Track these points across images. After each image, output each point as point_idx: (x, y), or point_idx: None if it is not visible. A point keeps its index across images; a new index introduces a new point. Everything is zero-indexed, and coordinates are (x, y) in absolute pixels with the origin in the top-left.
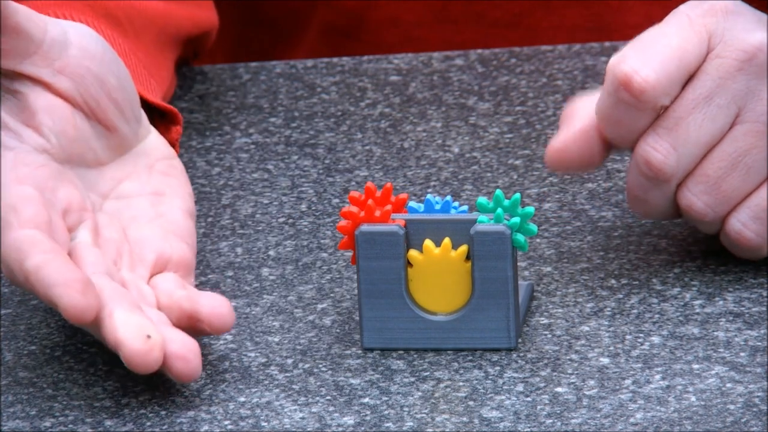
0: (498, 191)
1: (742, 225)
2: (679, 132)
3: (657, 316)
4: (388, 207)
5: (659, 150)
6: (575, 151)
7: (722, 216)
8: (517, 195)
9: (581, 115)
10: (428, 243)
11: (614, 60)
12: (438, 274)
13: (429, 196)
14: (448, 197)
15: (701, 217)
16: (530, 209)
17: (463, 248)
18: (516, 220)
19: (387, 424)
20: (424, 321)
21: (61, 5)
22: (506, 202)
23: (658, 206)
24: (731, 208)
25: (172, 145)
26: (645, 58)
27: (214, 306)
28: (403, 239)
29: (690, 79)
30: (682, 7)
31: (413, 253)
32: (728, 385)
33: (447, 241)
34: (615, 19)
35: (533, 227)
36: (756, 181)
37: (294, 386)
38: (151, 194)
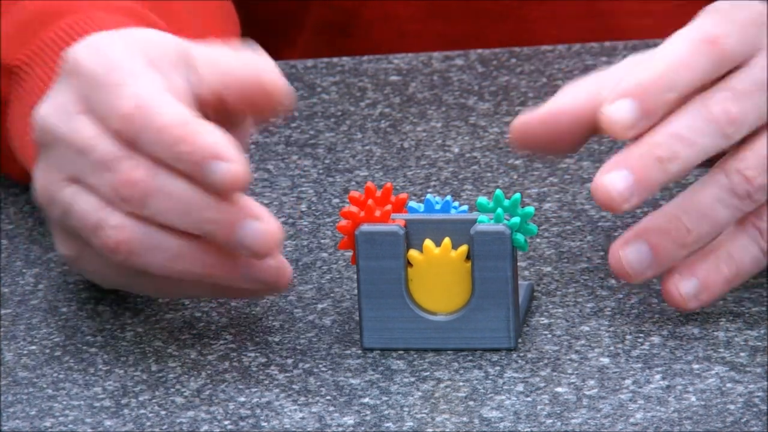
0: (498, 191)
1: None
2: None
3: (657, 316)
4: (388, 207)
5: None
6: (538, 129)
7: None
8: (517, 195)
9: (563, 96)
10: (428, 243)
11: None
12: (438, 274)
13: (429, 196)
14: (448, 197)
15: None
16: (530, 209)
17: (463, 248)
18: (516, 220)
19: (387, 424)
20: (424, 321)
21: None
22: (506, 202)
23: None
24: None
25: None
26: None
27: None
28: (403, 239)
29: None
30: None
31: (413, 253)
32: (728, 385)
33: (447, 241)
34: (608, 7)
35: (533, 227)
36: None
37: (294, 386)
38: None
